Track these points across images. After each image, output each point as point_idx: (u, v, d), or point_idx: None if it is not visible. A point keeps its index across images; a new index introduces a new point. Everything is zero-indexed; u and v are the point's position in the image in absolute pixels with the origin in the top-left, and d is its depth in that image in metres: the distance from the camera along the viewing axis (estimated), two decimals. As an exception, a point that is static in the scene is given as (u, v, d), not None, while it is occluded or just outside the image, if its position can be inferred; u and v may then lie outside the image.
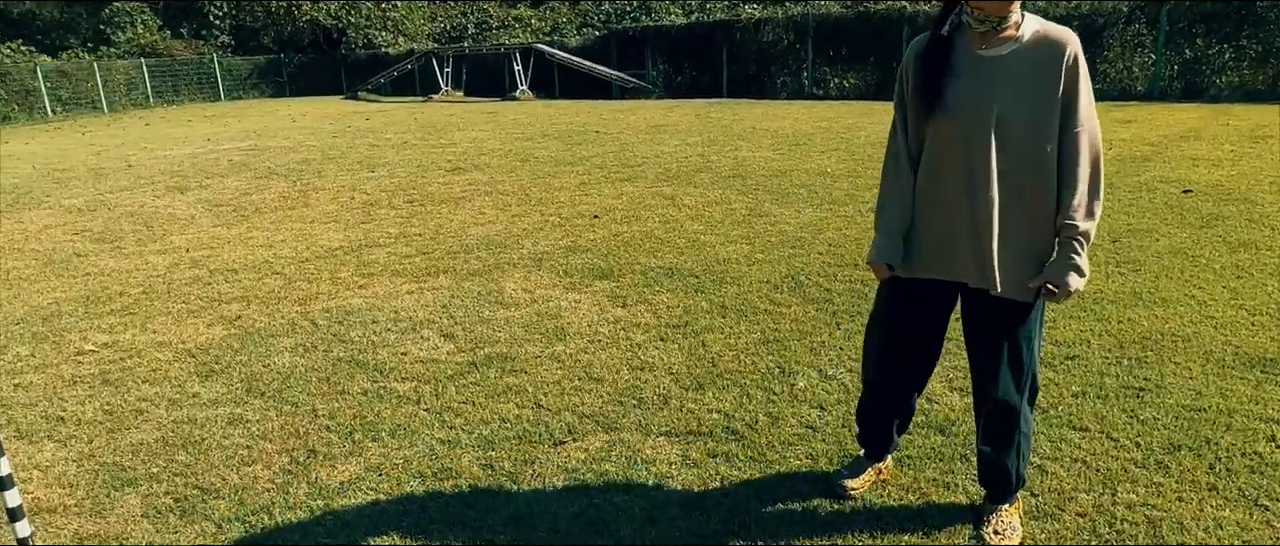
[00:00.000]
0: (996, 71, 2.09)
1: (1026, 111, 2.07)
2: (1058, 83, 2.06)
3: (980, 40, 2.11)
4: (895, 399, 2.56)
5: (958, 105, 2.11)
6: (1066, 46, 2.05)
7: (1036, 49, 2.07)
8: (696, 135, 12.26)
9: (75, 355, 4.28)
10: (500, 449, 3.05)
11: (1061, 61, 2.05)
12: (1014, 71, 2.08)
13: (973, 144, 2.11)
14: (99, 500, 2.85)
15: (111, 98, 25.44)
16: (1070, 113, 2.07)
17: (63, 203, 8.96)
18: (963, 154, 2.14)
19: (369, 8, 31.53)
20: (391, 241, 6.38)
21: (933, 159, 2.22)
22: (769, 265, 5.20)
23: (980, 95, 2.09)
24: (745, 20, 21.66)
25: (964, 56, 2.13)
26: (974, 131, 2.10)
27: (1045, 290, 2.14)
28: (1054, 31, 2.08)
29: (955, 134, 2.13)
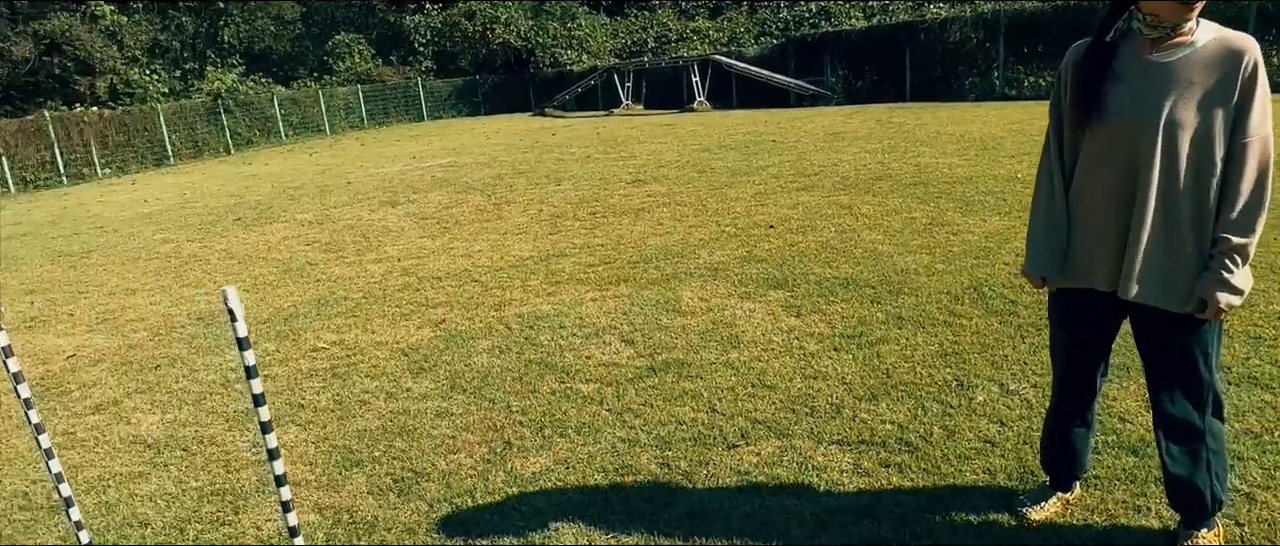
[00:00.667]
0: (1167, 77, 2.02)
1: (1196, 119, 1.99)
2: (1233, 91, 1.97)
3: (1150, 45, 2.05)
4: (1075, 415, 2.48)
5: (1119, 111, 2.06)
6: (1244, 53, 1.96)
7: (1212, 55, 2.00)
8: (876, 142, 11.99)
9: (310, 351, 4.90)
10: (676, 449, 3.23)
11: (1238, 69, 1.96)
12: (1185, 77, 2.00)
13: (1136, 150, 2.06)
14: (333, 477, 3.30)
15: (333, 121, 28.31)
16: (1242, 122, 1.98)
17: (296, 217, 10.16)
18: (1124, 161, 2.09)
19: (555, 27, 33.12)
20: (576, 251, 6.76)
21: (1090, 166, 2.18)
22: (950, 276, 5.07)
23: (1148, 100, 2.03)
24: (930, 20, 20.84)
25: (1131, 61, 2.08)
26: (1138, 137, 2.04)
27: (1210, 301, 2.04)
28: (1232, 38, 2.00)
29: (1117, 140, 2.09)
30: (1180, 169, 2.03)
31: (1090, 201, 2.21)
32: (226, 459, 3.57)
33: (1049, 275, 2.33)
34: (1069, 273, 2.30)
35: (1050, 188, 2.28)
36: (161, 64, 29.79)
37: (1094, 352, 2.37)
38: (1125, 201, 2.12)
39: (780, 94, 22.62)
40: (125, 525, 3.08)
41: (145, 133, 22.37)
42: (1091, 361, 2.40)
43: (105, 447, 3.81)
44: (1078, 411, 2.47)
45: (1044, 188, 2.30)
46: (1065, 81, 2.22)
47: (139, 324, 5.94)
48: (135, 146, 22.06)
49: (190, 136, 23.68)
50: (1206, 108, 1.99)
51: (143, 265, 8.14)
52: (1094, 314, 2.31)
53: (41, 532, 3.09)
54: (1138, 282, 2.11)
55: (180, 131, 23.35)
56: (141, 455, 3.69)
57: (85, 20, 27.16)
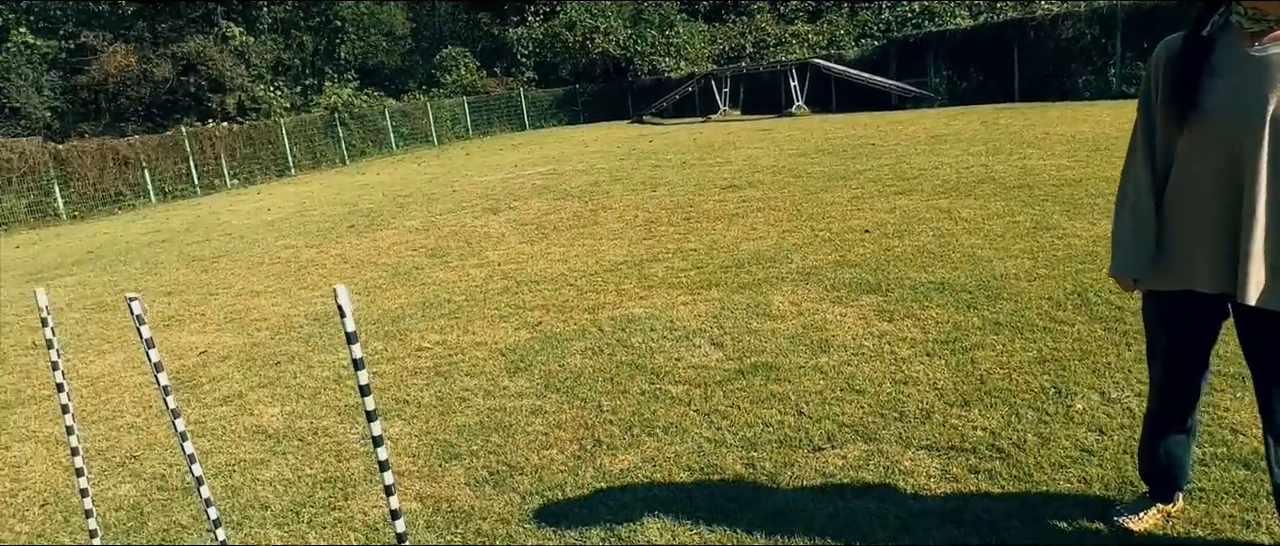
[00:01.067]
0: (1269, 69, 1.94)
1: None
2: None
3: (1249, 38, 1.97)
4: (1174, 422, 2.39)
5: (1218, 106, 1.99)
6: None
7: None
8: (980, 144, 11.62)
9: (415, 350, 5.16)
10: (762, 450, 3.26)
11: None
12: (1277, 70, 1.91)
13: (1239, 146, 1.98)
14: (433, 468, 3.48)
15: (440, 131, 29.43)
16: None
17: (404, 223, 10.64)
18: (1224, 157, 2.01)
19: (654, 35, 33.43)
20: (669, 256, 6.85)
21: (1187, 164, 2.11)
22: (1052, 281, 4.91)
23: (1249, 94, 1.95)
24: (1041, 16, 20.00)
25: (1229, 54, 2.00)
26: (1241, 133, 1.97)
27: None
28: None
29: (1217, 136, 2.01)
30: (1269, 167, 1.95)
31: (1189, 201, 2.14)
32: (338, 449, 3.82)
33: (1140, 276, 2.27)
34: (1166, 274, 2.23)
35: (1137, 187, 2.23)
36: (284, 80, 31.66)
37: (1194, 357, 2.29)
38: (1228, 200, 2.04)
39: (881, 97, 22.16)
40: (248, 507, 3.34)
41: (269, 146, 23.83)
42: (1191, 366, 2.31)
43: (231, 436, 4.13)
44: (1177, 419, 2.38)
45: (1130, 187, 2.25)
46: (1156, 79, 2.16)
47: (262, 323, 6.38)
48: (260, 158, 23.53)
49: (309, 148, 25.08)
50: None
51: (266, 269, 8.71)
52: (1194, 316, 2.23)
53: (176, 511, 3.39)
54: (1256, 286, 2.03)
55: (300, 144, 24.76)
56: (263, 444, 3.99)
57: (217, 42, 29.16)
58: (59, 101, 28.24)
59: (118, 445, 4.19)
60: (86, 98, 28.86)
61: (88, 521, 2.71)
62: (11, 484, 3.89)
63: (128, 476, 3.80)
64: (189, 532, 3.22)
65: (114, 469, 3.90)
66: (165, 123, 26.83)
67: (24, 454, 4.25)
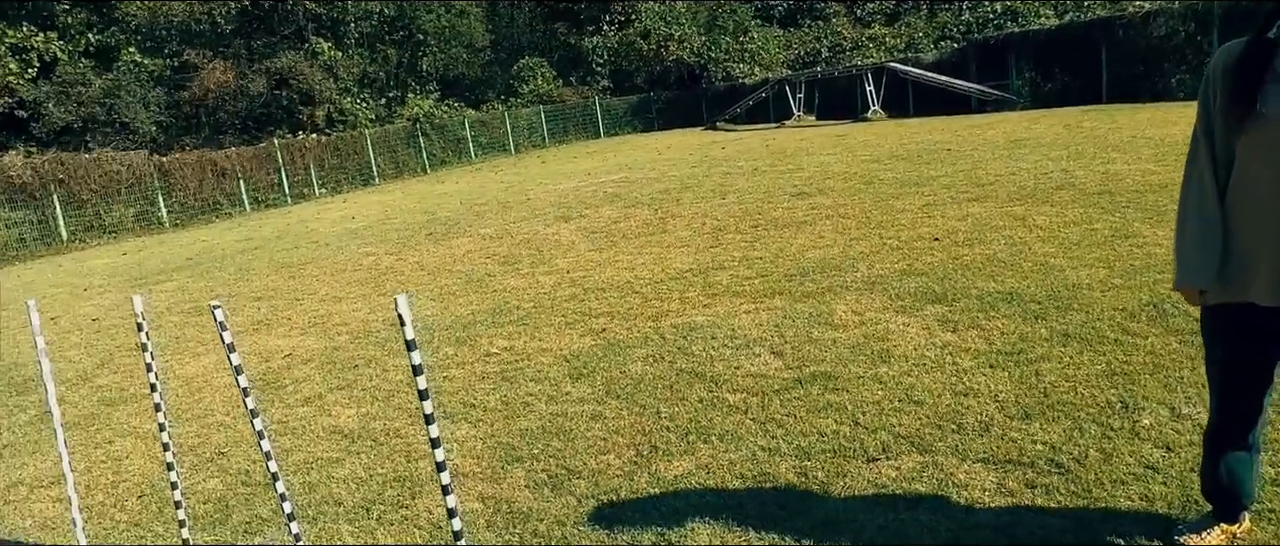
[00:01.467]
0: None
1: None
2: None
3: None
4: (1234, 439, 2.33)
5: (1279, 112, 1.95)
6: None
7: None
8: (1061, 148, 11.25)
9: (484, 356, 5.33)
10: (815, 460, 3.28)
11: None
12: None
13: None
14: (496, 471, 3.61)
15: (517, 140, 30.07)
16: None
17: (479, 231, 10.94)
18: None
19: (728, 42, 33.42)
20: (734, 264, 6.88)
21: (1246, 171, 2.06)
22: (1127, 291, 4.76)
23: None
24: (1131, 14, 19.21)
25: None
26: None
27: None
28: None
29: (1277, 143, 1.97)
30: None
31: (1248, 211, 2.10)
32: (408, 450, 3.99)
33: (1207, 288, 2.22)
34: (1238, 286, 2.18)
35: (1201, 195, 2.19)
36: (369, 93, 32.82)
37: (1254, 371, 2.23)
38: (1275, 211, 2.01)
39: (960, 100, 21.64)
40: (323, 503, 3.54)
41: (355, 156, 24.77)
42: (1254, 381, 2.25)
43: (310, 435, 4.36)
44: (1237, 435, 2.32)
45: (1193, 196, 2.21)
46: (1216, 85, 2.12)
47: (342, 328, 6.67)
48: (346, 168, 24.47)
49: (392, 158, 25.95)
50: None
51: (348, 275, 9.09)
52: (1253, 329, 2.17)
53: (258, 505, 3.61)
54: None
55: (384, 154, 25.64)
56: (339, 443, 4.20)
57: (307, 57, 30.45)
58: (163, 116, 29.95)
59: (208, 441, 4.48)
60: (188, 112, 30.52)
61: (178, 513, 2.93)
62: (113, 476, 4.20)
63: (216, 471, 4.05)
64: (269, 526, 3.42)
65: (204, 464, 4.17)
66: (259, 135, 28.14)
67: (124, 448, 4.58)
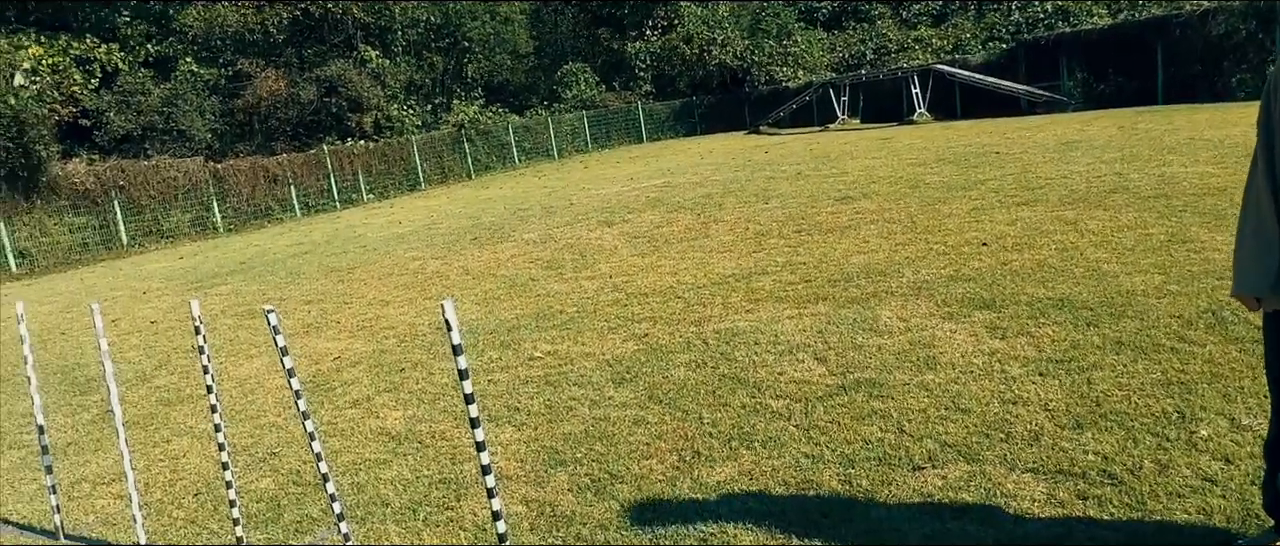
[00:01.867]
0: None
1: None
2: None
3: None
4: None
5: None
6: None
7: None
8: (1115, 150, 10.98)
9: (528, 360, 5.39)
10: (860, 467, 3.25)
11: None
12: None
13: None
14: (539, 474, 3.65)
15: (560, 145, 30.29)
16: None
17: (523, 236, 11.05)
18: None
19: (771, 46, 33.26)
20: (778, 269, 6.85)
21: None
22: (1184, 298, 4.63)
23: None
24: (1189, 12, 18.68)
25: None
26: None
27: None
28: None
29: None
30: None
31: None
32: (454, 452, 4.05)
33: (1263, 295, 2.17)
34: None
35: (1258, 219, 2.15)
36: (416, 100, 33.34)
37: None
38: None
39: (1010, 102, 21.24)
40: (371, 503, 3.60)
41: (402, 162, 25.18)
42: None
43: (358, 437, 4.45)
44: (1299, 450, 2.25)
45: (1251, 218, 2.17)
46: (1274, 96, 2.07)
47: (390, 331, 6.79)
48: (393, 174, 24.89)
49: (438, 164, 26.33)
50: None
51: (395, 279, 9.24)
52: None
53: (308, 504, 3.69)
54: None
55: (430, 160, 26.03)
56: (386, 445, 4.28)
57: (356, 65, 31.05)
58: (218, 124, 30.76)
59: (260, 442, 4.59)
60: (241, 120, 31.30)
61: (232, 511, 3.01)
62: (171, 474, 4.33)
63: (268, 471, 4.16)
64: (319, 525, 3.50)
65: (257, 463, 4.27)
66: (309, 141, 28.75)
67: (181, 447, 4.71)
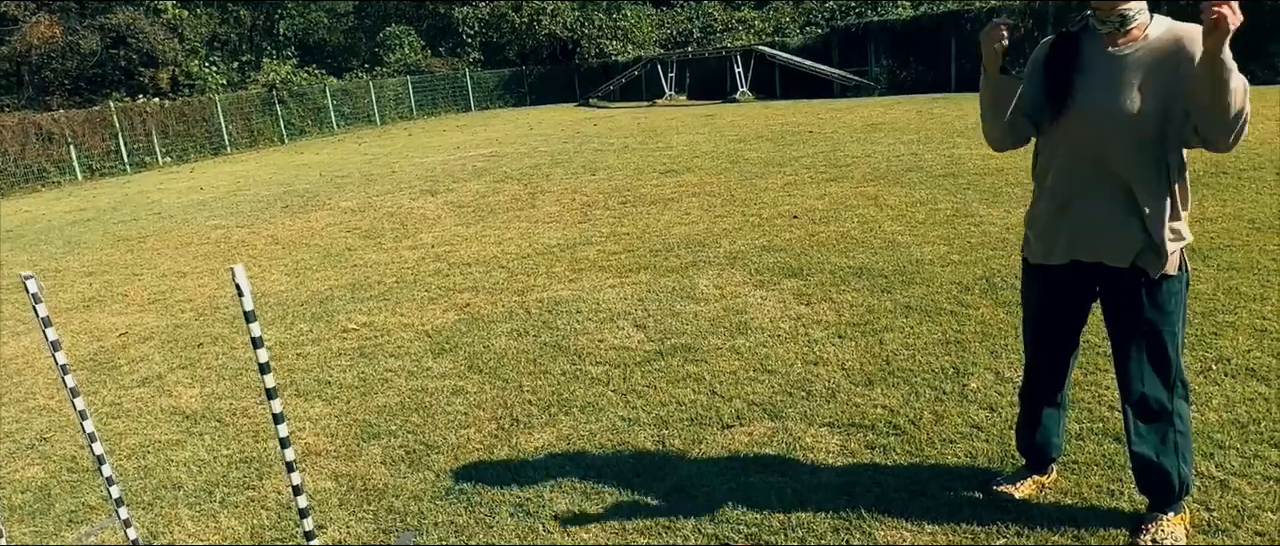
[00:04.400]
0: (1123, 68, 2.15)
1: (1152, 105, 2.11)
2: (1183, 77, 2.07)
3: (1108, 40, 2.16)
4: (1044, 397, 2.57)
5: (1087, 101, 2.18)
6: (1196, 36, 2.05)
7: (1164, 46, 2.12)
8: (913, 133, 11.91)
9: (341, 332, 5.15)
10: (673, 428, 3.36)
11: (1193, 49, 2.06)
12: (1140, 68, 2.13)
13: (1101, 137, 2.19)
14: (351, 448, 3.51)
15: (383, 111, 28.92)
16: None
17: (340, 204, 10.50)
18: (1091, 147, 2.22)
19: (601, 19, 33.30)
20: (602, 240, 6.92)
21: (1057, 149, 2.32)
22: (964, 267, 5.11)
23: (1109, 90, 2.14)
24: (977, 10, 20.49)
25: (1095, 55, 2.19)
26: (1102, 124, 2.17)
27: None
28: (1181, 28, 2.13)
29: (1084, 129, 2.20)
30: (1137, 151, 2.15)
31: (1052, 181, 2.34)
32: (256, 429, 3.81)
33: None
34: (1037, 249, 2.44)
35: None
36: (220, 56, 30.76)
37: (1062, 332, 2.47)
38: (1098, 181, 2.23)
39: (824, 84, 22.48)
40: (160, 487, 3.33)
41: (203, 123, 23.16)
42: (1059, 341, 2.50)
43: (147, 418, 4.09)
44: (1047, 393, 2.57)
45: None
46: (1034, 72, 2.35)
47: (186, 304, 6.27)
48: (194, 136, 22.86)
49: (246, 126, 24.44)
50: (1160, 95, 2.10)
51: (194, 249, 8.53)
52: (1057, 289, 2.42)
53: (85, 492, 3.36)
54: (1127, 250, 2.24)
55: (236, 121, 24.11)
56: (180, 425, 3.96)
57: (148, 14, 28.15)
58: (-22, 73, 27.03)
59: (28, 427, 4.12)
60: (7, 69, 27.65)
61: (-13, 502, 2.69)
62: (-87, 466, 3.80)
63: (37, 458, 3.74)
64: (97, 513, 3.19)
65: (23, 451, 3.83)
66: (93, 97, 25.85)
67: (-72, 436, 4.14)
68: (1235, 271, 4.52)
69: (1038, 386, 2.58)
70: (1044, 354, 2.55)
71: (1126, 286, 2.27)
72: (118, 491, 2.47)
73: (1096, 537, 2.40)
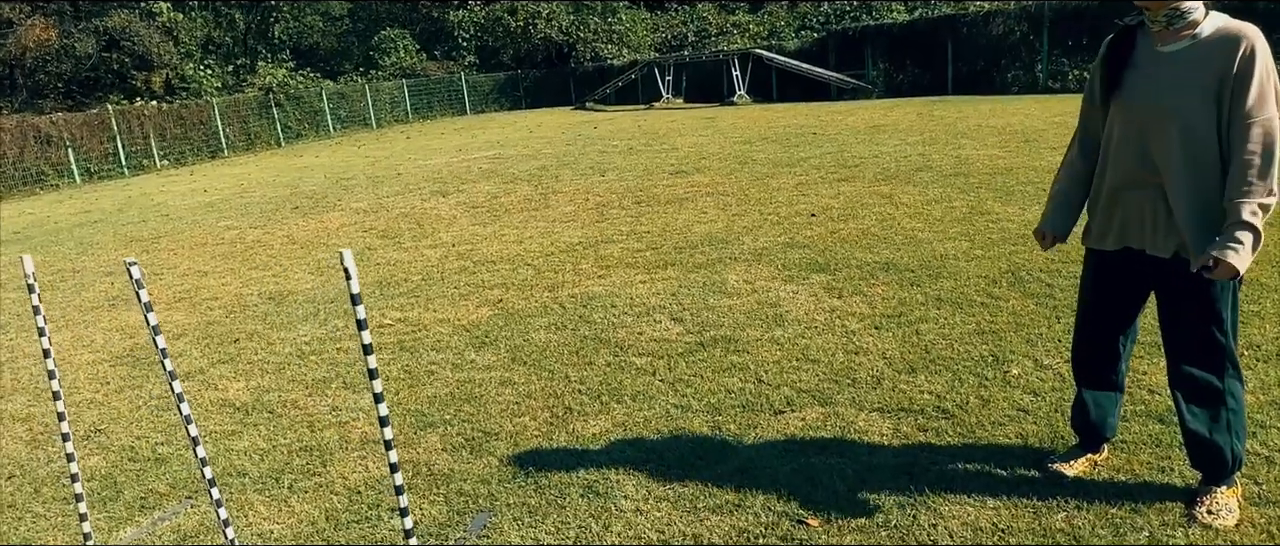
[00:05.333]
0: (1171, 65, 2.26)
1: (1198, 103, 2.21)
2: (1229, 76, 2.18)
3: (1157, 37, 2.28)
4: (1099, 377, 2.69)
5: (1132, 96, 2.31)
6: (1242, 40, 2.17)
7: (1212, 45, 2.23)
8: (917, 134, 12.07)
9: (377, 328, 5.22)
10: (726, 414, 3.46)
11: (1236, 56, 2.17)
12: (1188, 66, 2.23)
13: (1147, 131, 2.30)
14: (409, 436, 3.59)
15: (379, 115, 28.93)
16: (1238, 105, 2.18)
17: (351, 205, 10.56)
18: (1135, 141, 2.34)
19: (596, 22, 33.43)
20: (623, 238, 7.02)
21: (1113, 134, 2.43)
22: (988, 261, 5.23)
23: (1151, 87, 2.27)
24: (973, 13, 20.73)
25: (1144, 52, 2.31)
26: (1143, 120, 2.30)
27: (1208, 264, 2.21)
28: (1232, 26, 2.23)
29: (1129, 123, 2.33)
30: (1176, 148, 2.26)
31: (1107, 167, 2.47)
32: (310, 420, 3.89)
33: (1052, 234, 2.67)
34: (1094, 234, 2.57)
35: (1067, 168, 2.62)
36: (215, 59, 30.71)
37: (1119, 313, 2.59)
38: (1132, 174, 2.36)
39: (820, 88, 22.67)
40: (225, 474, 3.40)
41: (201, 126, 23.12)
42: (1114, 323, 2.61)
43: (199, 410, 4.16)
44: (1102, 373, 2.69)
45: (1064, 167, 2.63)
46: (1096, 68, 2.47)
47: (213, 303, 6.33)
48: (191, 139, 22.82)
49: (243, 129, 24.41)
50: (1201, 96, 2.21)
51: (210, 250, 8.58)
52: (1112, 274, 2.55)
53: (151, 479, 3.43)
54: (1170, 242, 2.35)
55: (233, 125, 24.08)
56: (232, 416, 4.03)
57: (143, 17, 28.10)
58: (-30, 76, 26.92)
59: (80, 419, 4.18)
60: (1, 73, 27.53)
61: (75, 486, 2.75)
62: (-29, 458, 3.85)
63: (95, 448, 3.80)
64: (166, 499, 3.26)
65: (79, 442, 3.89)
66: (87, 100, 25.80)
67: (-20, 429, 4.20)
68: (1256, 264, 4.66)
69: (1089, 367, 2.70)
70: (1092, 334, 2.66)
71: (1173, 275, 2.39)
72: (210, 472, 2.55)
73: (1153, 510, 2.51)
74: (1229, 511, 2.45)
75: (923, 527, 2.55)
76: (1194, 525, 2.43)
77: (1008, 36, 19.82)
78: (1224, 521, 2.42)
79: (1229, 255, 2.16)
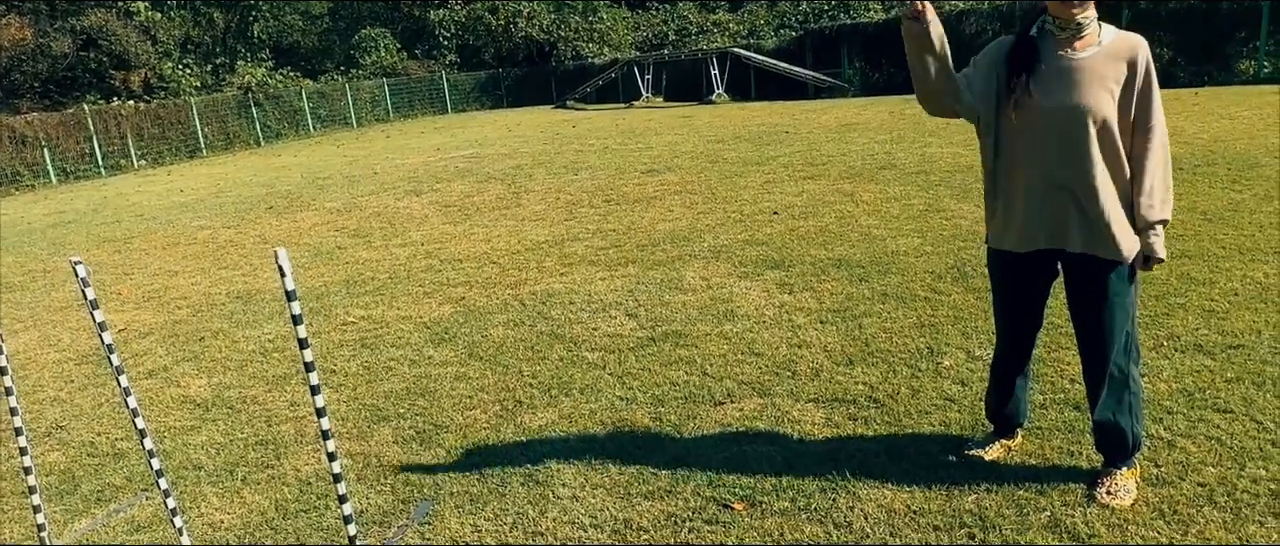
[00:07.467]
0: (1081, 70, 2.39)
1: (1104, 106, 2.37)
2: (1133, 84, 2.37)
3: (1062, 44, 2.41)
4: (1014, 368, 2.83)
5: (1043, 100, 2.43)
6: (1139, 50, 2.34)
7: (1114, 51, 2.38)
8: (886, 132, 12.25)
9: (340, 325, 5.32)
10: (668, 406, 3.59)
11: (1136, 62, 2.36)
12: (1093, 72, 2.38)
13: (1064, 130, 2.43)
14: (362, 430, 3.70)
15: (359, 114, 28.90)
16: (1144, 113, 2.39)
17: (325, 205, 10.62)
18: (1044, 143, 2.47)
19: (577, 21, 33.48)
20: (589, 236, 7.14)
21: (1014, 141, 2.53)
22: (936, 257, 5.39)
23: (1062, 91, 2.40)
24: (947, 12, 20.95)
25: (1050, 57, 2.44)
26: (1055, 122, 2.42)
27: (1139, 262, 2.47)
28: (1128, 37, 2.40)
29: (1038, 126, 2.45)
30: (1087, 148, 2.41)
31: (1010, 171, 2.57)
32: (268, 415, 3.99)
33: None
34: (999, 236, 2.68)
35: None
36: (193, 58, 30.55)
37: (1026, 311, 2.72)
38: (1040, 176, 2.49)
39: (798, 86, 22.84)
40: (181, 468, 3.50)
41: (178, 126, 23.05)
42: (1025, 319, 2.74)
43: (159, 407, 4.24)
44: (1015, 365, 2.83)
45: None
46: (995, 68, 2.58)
47: (182, 302, 6.40)
48: (169, 139, 22.75)
49: (222, 129, 24.34)
50: (1109, 98, 2.37)
51: (182, 249, 8.63)
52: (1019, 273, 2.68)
53: (108, 474, 3.52)
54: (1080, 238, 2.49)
55: (212, 124, 24.01)
56: (192, 412, 4.12)
57: (120, 16, 27.92)
58: (-55, 75, 26.65)
59: (42, 417, 4.26)
60: (-25, 72, 27.28)
61: (28, 479, 2.84)
62: (-67, 455, 3.92)
63: (55, 445, 3.89)
64: (122, 493, 3.36)
65: (41, 438, 3.98)
66: (64, 100, 25.64)
67: (-57, 427, 4.27)
68: (1187, 259, 4.84)
69: (1008, 360, 2.83)
70: (1013, 332, 2.79)
71: (1083, 270, 2.53)
72: (158, 463, 2.65)
73: (1057, 491, 2.66)
74: (1127, 492, 2.59)
75: (841, 510, 2.68)
76: (1093, 504, 2.57)
77: (980, 36, 20.03)
78: (1121, 501, 2.57)
79: (1160, 250, 2.46)
